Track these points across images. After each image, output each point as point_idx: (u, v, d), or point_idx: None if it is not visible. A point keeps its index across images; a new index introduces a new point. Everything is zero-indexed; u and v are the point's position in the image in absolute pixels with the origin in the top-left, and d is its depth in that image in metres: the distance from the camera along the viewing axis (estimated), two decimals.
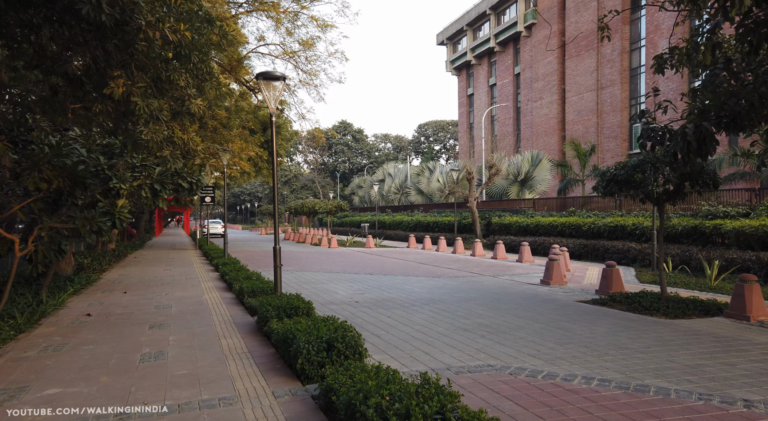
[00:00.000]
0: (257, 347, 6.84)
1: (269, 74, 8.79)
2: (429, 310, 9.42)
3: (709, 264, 13.06)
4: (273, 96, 9.02)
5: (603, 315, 8.68)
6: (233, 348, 6.79)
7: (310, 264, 19.35)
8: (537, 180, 30.72)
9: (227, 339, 7.32)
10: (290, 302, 7.95)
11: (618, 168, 9.79)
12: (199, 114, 8.32)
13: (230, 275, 12.75)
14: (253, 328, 8.14)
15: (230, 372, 5.68)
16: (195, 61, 8.04)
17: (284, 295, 8.78)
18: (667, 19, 38.04)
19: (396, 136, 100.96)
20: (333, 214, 37.79)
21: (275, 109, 9.01)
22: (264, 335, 7.53)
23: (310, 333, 5.76)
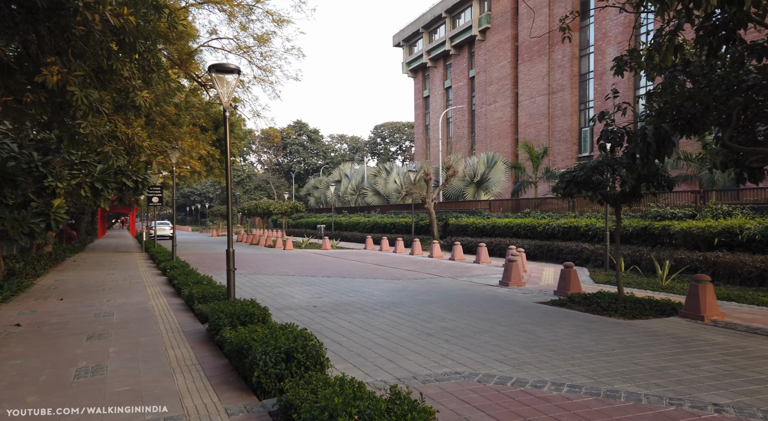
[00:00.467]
0: (208, 358, 6.35)
1: (222, 67, 8.28)
2: (390, 314, 9.15)
3: (659, 264, 13.44)
4: (226, 90, 8.52)
5: (564, 317, 8.67)
6: (181, 360, 6.27)
7: (265, 267, 18.72)
8: (492, 182, 31.12)
9: (175, 350, 6.78)
10: (244, 309, 7.49)
11: (577, 169, 9.85)
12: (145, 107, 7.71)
13: (179, 280, 12.06)
14: (203, 337, 7.62)
15: (178, 387, 5.20)
16: (140, 49, 7.43)
17: (238, 301, 8.29)
18: (614, 27, 39.51)
19: (352, 137, 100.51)
20: (288, 215, 37.00)
21: (229, 104, 8.50)
22: (216, 345, 7.03)
23: (267, 343, 5.36)
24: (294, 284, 13.64)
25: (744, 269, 11.17)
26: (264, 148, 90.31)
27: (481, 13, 54.88)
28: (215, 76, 8.32)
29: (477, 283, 13.43)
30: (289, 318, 8.93)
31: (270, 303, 10.62)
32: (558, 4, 45.05)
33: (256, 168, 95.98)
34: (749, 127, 8.48)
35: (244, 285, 13.57)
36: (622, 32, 38.93)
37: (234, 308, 7.51)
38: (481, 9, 55.12)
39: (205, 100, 22.78)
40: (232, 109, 25.27)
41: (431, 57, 63.52)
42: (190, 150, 19.59)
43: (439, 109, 63.63)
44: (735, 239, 12.32)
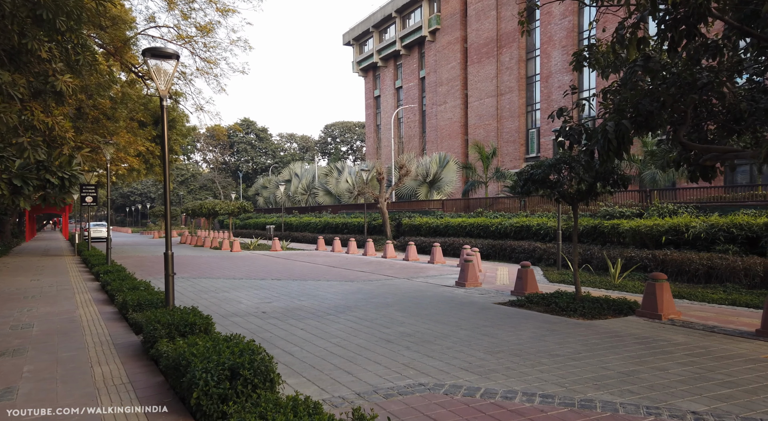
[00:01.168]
0: (141, 376, 5.63)
1: (159, 51, 7.51)
2: (346, 319, 8.63)
3: (611, 263, 13.60)
4: (164, 78, 7.74)
5: (524, 318, 8.45)
6: (109, 378, 5.52)
7: (210, 270, 17.72)
8: (445, 181, 31.14)
9: (103, 366, 5.99)
10: (184, 318, 6.78)
11: (535, 167, 9.69)
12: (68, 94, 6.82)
13: (113, 285, 11.04)
14: (137, 350, 6.83)
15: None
16: (62, 29, 6.56)
17: (177, 308, 7.54)
18: (558, 32, 40.60)
19: (302, 136, 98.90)
20: (235, 215, 35.63)
21: (166, 92, 7.73)
22: (151, 360, 6.29)
23: (208, 358, 4.73)
24: (241, 288, 12.85)
25: (691, 266, 11.41)
26: (210, 147, 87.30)
27: (430, 14, 55.18)
28: (151, 61, 7.54)
29: (433, 284, 13.12)
30: (236, 326, 8.24)
31: (214, 310, 9.85)
32: (505, 8, 45.90)
33: (201, 167, 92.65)
34: (700, 125, 8.56)
35: (186, 290, 12.65)
36: (566, 36, 40.06)
37: (172, 318, 6.78)
38: (430, 10, 55.42)
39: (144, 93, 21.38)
40: (173, 104, 23.92)
41: (382, 57, 63.32)
42: (126, 146, 18.25)
43: (390, 109, 63.52)
44: (681, 237, 12.62)
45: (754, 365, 5.52)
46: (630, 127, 7.25)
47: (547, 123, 41.72)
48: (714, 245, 11.98)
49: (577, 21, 39.66)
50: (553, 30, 41.14)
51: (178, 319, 6.77)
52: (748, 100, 7.60)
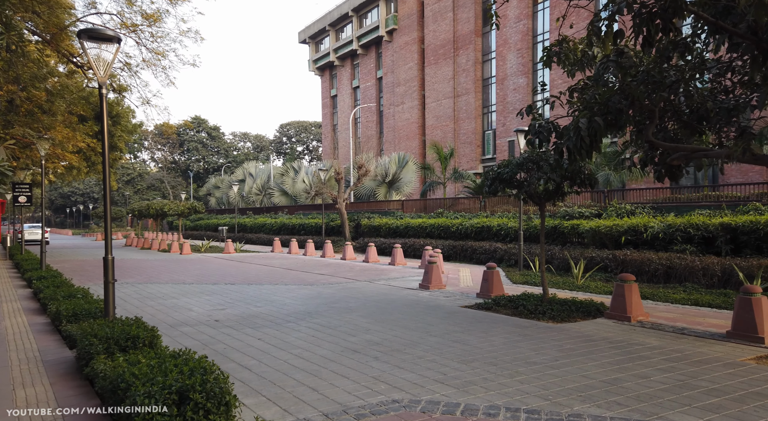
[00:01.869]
0: (73, 400, 4.90)
1: (97, 33, 6.74)
2: (307, 326, 8.07)
3: (574, 263, 13.61)
4: (103, 64, 6.96)
5: (494, 322, 8.15)
6: (34, 403, 4.77)
7: (158, 274, 16.65)
8: (404, 181, 30.89)
9: (27, 388, 5.22)
10: (126, 330, 6.07)
11: (503, 166, 9.44)
12: None
13: (46, 293, 10.01)
14: (70, 368, 6.06)
15: None
16: None
17: (119, 319, 6.79)
18: (513, 35, 41.23)
19: (256, 135, 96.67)
20: (186, 216, 34.11)
21: (105, 79, 6.96)
22: (86, 380, 5.55)
23: (152, 379, 4.12)
24: (192, 294, 12.02)
25: (651, 266, 11.51)
26: (158, 145, 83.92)
27: (387, 14, 54.98)
28: (88, 46, 6.75)
29: (396, 286, 12.72)
30: (186, 337, 7.53)
31: (161, 319, 9.06)
32: (462, 10, 46.27)
33: (148, 166, 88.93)
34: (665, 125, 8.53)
35: (130, 297, 11.71)
36: (521, 40, 40.73)
37: (112, 330, 6.06)
38: (387, 10, 55.22)
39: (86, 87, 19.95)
40: (118, 98, 22.50)
41: (338, 56, 62.65)
42: (64, 142, 16.87)
43: (348, 108, 62.92)
44: (640, 237, 12.76)
45: (734, 370, 5.38)
46: (602, 125, 7.08)
47: (502, 125, 42.31)
48: (671, 244, 12.15)
49: (531, 25, 40.39)
50: (509, 33, 41.75)
51: (119, 331, 6.06)
52: (712, 100, 7.58)
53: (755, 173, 26.28)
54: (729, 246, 11.18)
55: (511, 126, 41.61)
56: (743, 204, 12.36)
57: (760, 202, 12.01)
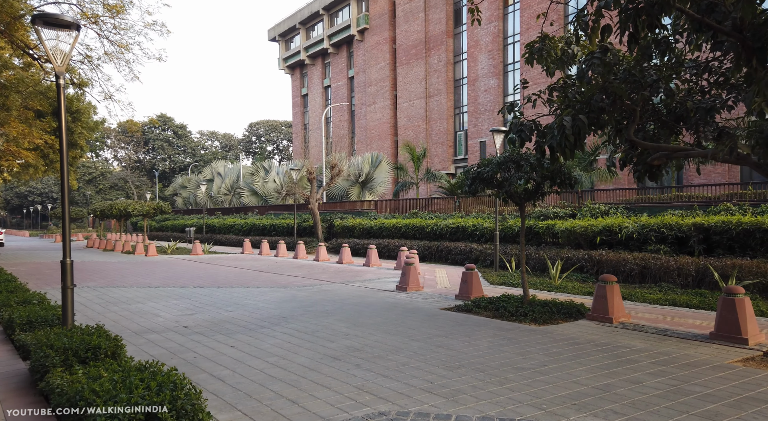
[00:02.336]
0: (24, 419, 4.43)
1: (53, 19, 6.23)
2: (282, 332, 7.70)
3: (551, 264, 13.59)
4: (60, 53, 6.45)
5: (476, 325, 7.96)
6: None
7: (122, 277, 15.90)
8: (377, 182, 30.62)
9: None
10: (86, 340, 5.63)
11: (483, 166, 9.28)
12: None
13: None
14: (23, 382, 5.55)
15: None
16: None
17: (78, 328, 6.32)
18: (485, 36, 41.50)
19: (225, 134, 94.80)
20: (151, 217, 32.97)
21: (63, 69, 6.46)
22: (41, 396, 5.07)
23: (115, 397, 3.74)
24: (159, 298, 11.45)
25: (626, 266, 11.56)
26: (122, 144, 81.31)
27: (359, 13, 54.65)
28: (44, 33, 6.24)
29: (373, 288, 12.43)
30: (152, 346, 7.05)
31: (126, 325, 8.53)
32: (433, 11, 46.35)
33: (111, 165, 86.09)
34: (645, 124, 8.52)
35: (92, 302, 11.06)
36: (492, 41, 41.03)
37: (70, 340, 5.60)
38: (359, 9, 54.89)
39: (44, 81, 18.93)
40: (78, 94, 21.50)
41: (309, 54, 61.96)
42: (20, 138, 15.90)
43: (319, 108, 62.30)
44: (615, 237, 12.83)
45: (724, 374, 5.31)
46: (586, 123, 6.97)
47: (474, 126, 42.55)
48: (645, 244, 12.26)
49: (502, 26, 40.74)
50: (480, 34, 42.00)
51: (78, 341, 5.60)
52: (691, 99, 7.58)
53: (717, 175, 27.08)
54: (702, 246, 11.33)
55: (482, 127, 41.89)
56: (714, 204, 12.57)
57: (730, 203, 12.23)
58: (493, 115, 41.04)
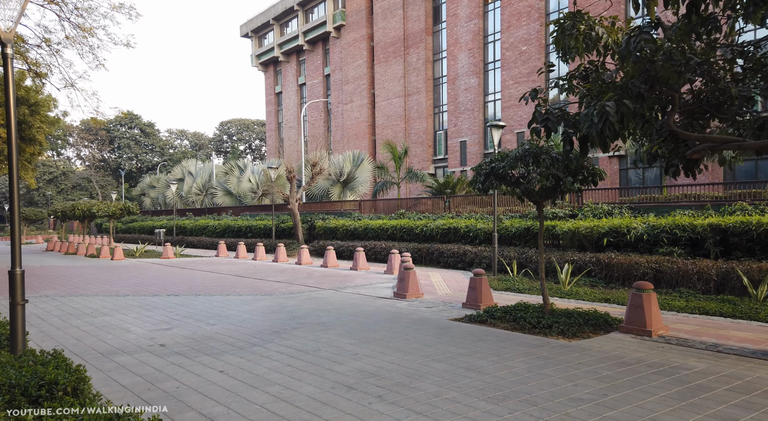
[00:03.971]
0: None
1: None
2: (278, 351, 6.61)
3: (559, 267, 12.84)
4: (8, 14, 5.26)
5: (499, 340, 7.03)
6: None
7: (85, 285, 14.43)
8: (359, 181, 29.55)
9: None
10: (40, 372, 4.49)
11: (497, 160, 8.38)
12: None
13: None
14: None
15: None
16: None
17: (31, 353, 5.15)
18: (464, 34, 40.92)
19: (194, 132, 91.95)
20: (117, 218, 31.09)
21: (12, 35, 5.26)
22: None
23: None
24: (128, 309, 10.15)
25: (639, 270, 10.86)
26: (85, 142, 77.84)
27: (335, 10, 53.45)
28: None
29: (367, 295, 11.40)
30: (124, 373, 5.87)
31: (91, 344, 7.28)
32: (411, 8, 45.57)
33: (74, 164, 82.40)
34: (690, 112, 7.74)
35: (50, 315, 9.69)
36: (472, 39, 40.48)
37: (19, 373, 4.46)
38: (335, 5, 53.69)
39: None
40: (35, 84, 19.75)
41: (283, 51, 60.38)
42: None
43: (293, 106, 60.80)
44: (623, 239, 12.15)
45: None
46: (632, 108, 6.12)
47: (454, 125, 41.91)
48: (656, 247, 11.60)
49: (482, 24, 40.22)
50: (459, 32, 41.41)
51: (29, 374, 4.46)
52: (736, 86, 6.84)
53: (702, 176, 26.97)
54: (718, 248, 10.71)
55: (463, 126, 41.29)
56: (728, 204, 12.01)
57: (746, 202, 11.68)
58: (473, 114, 40.50)
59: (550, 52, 35.54)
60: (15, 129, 5.19)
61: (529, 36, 36.10)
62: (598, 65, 7.62)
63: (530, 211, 15.83)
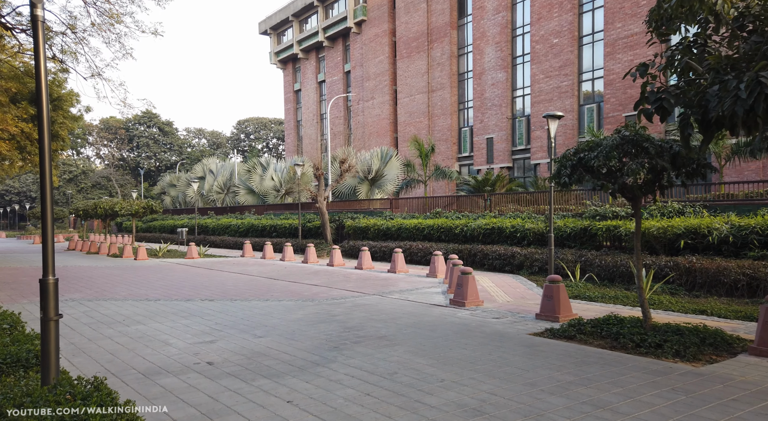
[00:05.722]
0: None
1: None
2: (347, 374, 5.61)
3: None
4: None
5: (606, 364, 5.95)
6: None
7: (112, 287, 13.62)
8: (387, 179, 28.51)
9: None
10: (78, 414, 3.53)
11: (587, 149, 7.26)
12: None
13: None
14: None
15: None
16: None
17: (67, 380, 4.23)
18: (492, 27, 39.64)
19: (212, 131, 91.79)
20: (140, 217, 30.49)
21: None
22: None
23: None
24: (162, 316, 9.25)
25: (728, 276, 9.66)
26: (104, 141, 77.97)
27: (356, 5, 52.44)
28: None
29: (419, 303, 10.37)
30: (173, 400, 4.90)
31: (128, 361, 6.35)
32: (436, 1, 44.36)
33: (93, 163, 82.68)
34: None
35: (79, 323, 8.82)
36: (499, 32, 39.19)
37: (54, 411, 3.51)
38: (356, 0, 52.69)
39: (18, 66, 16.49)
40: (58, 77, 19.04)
41: (302, 48, 59.57)
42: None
43: (313, 104, 60.00)
44: (702, 241, 10.95)
45: None
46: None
47: (480, 121, 40.65)
48: (743, 250, 10.39)
49: (511, 17, 38.91)
50: (486, 26, 40.14)
51: (68, 419, 3.49)
52: None
53: (751, 172, 25.52)
54: None
55: (489, 123, 40.02)
56: None
57: None
58: (501, 110, 39.21)
59: (583, 44, 34.17)
60: (47, 107, 4.24)
61: (561, 28, 34.74)
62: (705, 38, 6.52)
63: (587, 209, 14.65)
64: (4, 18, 12.11)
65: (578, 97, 34.49)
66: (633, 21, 30.76)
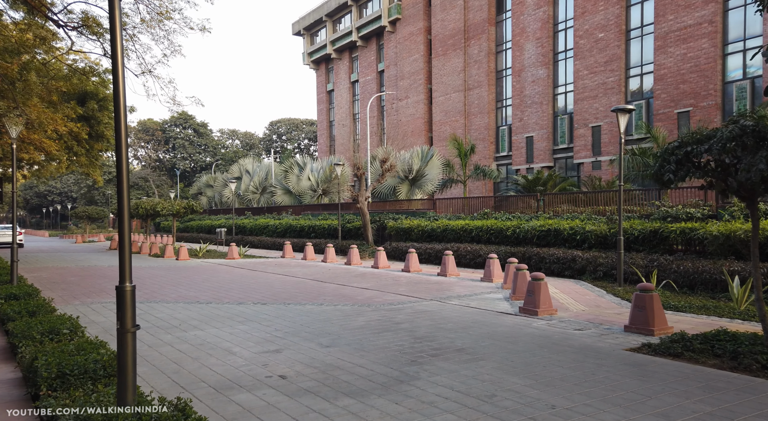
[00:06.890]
0: None
1: None
2: (437, 394, 5.00)
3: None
4: None
5: (739, 390, 5.19)
6: None
7: (159, 288, 13.38)
8: (428, 178, 27.85)
9: None
10: None
11: (693, 142, 6.46)
12: None
13: (17, 325, 6.87)
14: None
15: None
16: None
17: (146, 402, 3.74)
18: (532, 23, 38.52)
19: (245, 132, 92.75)
20: (181, 217, 30.63)
21: None
22: None
23: None
24: (218, 321, 8.84)
25: None
26: (141, 142, 79.59)
27: (390, 3, 51.92)
28: None
29: (483, 310, 9.70)
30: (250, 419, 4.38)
31: (194, 371, 5.90)
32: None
33: (131, 164, 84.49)
34: None
35: None
36: (540, 28, 38.04)
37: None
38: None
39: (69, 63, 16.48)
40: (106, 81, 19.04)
41: (336, 48, 59.38)
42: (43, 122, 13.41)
43: (346, 104, 59.76)
44: None
45: None
46: None
47: (519, 120, 39.56)
48: None
49: (552, 11, 37.72)
50: (526, 21, 39.03)
51: None
52: None
53: None
54: None
55: (529, 121, 38.90)
56: None
57: None
58: (542, 107, 38.05)
59: (631, 38, 32.80)
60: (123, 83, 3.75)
61: (607, 21, 33.43)
62: None
63: (657, 210, 13.70)
64: (56, 16, 11.99)
65: (625, 93, 33.11)
66: (686, 12, 29.28)
